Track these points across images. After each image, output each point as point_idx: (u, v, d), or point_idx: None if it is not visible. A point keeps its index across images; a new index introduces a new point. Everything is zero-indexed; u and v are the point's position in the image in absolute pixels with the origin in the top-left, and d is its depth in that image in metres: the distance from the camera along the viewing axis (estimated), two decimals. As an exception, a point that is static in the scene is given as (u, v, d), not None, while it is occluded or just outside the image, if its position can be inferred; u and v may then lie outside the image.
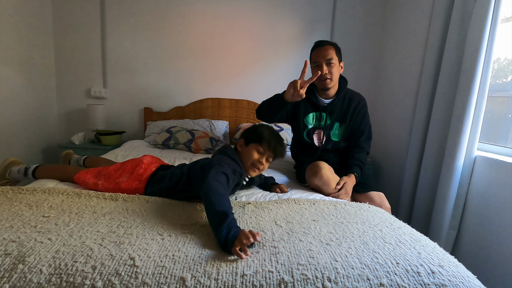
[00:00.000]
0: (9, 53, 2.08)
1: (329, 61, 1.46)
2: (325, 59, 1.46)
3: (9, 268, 0.67)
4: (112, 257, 0.72)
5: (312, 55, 1.54)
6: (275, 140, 1.26)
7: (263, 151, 1.25)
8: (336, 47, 1.51)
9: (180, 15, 2.58)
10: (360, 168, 1.57)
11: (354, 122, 1.61)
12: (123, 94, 2.63)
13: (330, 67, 1.47)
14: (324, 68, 1.46)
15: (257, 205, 1.17)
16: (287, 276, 0.69)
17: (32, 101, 2.34)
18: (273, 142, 1.25)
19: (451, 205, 1.61)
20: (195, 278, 0.67)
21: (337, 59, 1.49)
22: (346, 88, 1.61)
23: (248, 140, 1.27)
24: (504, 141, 1.58)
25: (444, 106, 1.72)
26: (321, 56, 1.47)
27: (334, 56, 1.47)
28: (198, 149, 2.21)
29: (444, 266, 0.75)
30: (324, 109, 1.59)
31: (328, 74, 1.47)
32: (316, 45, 1.53)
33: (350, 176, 1.51)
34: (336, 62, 1.48)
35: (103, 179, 1.28)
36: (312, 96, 1.58)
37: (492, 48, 1.47)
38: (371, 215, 1.09)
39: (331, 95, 1.58)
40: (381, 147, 2.54)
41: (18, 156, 2.16)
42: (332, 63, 1.46)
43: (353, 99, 1.59)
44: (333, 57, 1.46)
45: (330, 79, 1.48)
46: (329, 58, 1.46)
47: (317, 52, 1.49)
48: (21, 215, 0.93)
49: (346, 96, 1.59)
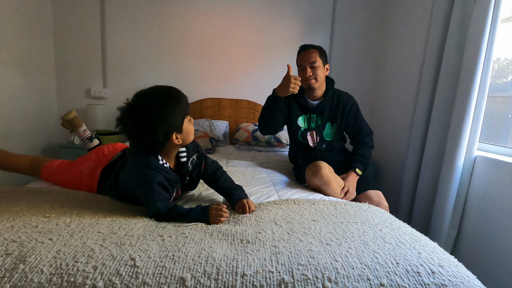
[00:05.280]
0: (9, 53, 2.08)
1: (313, 64, 1.54)
2: (308, 62, 1.54)
3: (10, 268, 0.68)
4: (113, 257, 0.72)
5: (297, 59, 1.62)
6: (175, 98, 1.01)
7: (188, 113, 1.05)
8: (320, 50, 1.57)
9: (180, 15, 2.58)
10: (361, 162, 1.59)
11: (346, 121, 1.65)
12: (123, 94, 2.62)
13: (314, 69, 1.54)
14: (308, 71, 1.55)
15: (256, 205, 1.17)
16: (287, 276, 0.69)
17: (32, 101, 2.34)
18: (179, 99, 1.02)
19: (451, 205, 1.61)
20: (195, 278, 0.67)
21: (321, 62, 1.56)
22: (334, 88, 1.67)
23: (171, 129, 1.00)
24: (504, 141, 1.58)
25: (444, 106, 1.72)
26: (305, 59, 1.56)
27: (318, 59, 1.54)
28: (198, 149, 2.21)
29: (444, 266, 0.75)
30: (314, 111, 1.64)
31: (312, 75, 1.55)
32: (300, 49, 1.60)
33: (349, 174, 1.54)
34: (320, 64, 1.55)
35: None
36: (301, 99, 1.64)
37: (492, 48, 1.47)
38: (371, 215, 1.09)
39: (319, 97, 1.64)
40: (381, 147, 2.54)
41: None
42: (316, 65, 1.54)
43: (341, 98, 1.63)
44: (317, 60, 1.54)
45: (315, 79, 1.55)
46: (313, 61, 1.54)
47: (302, 56, 1.58)
48: (22, 215, 0.93)
49: (334, 96, 1.64)
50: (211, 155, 2.16)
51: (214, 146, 2.27)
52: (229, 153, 2.23)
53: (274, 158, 2.07)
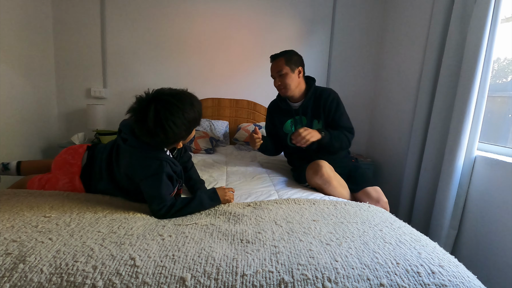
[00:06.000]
0: (9, 53, 2.08)
1: (280, 73, 1.58)
2: (276, 72, 1.60)
3: (10, 267, 0.68)
4: (113, 257, 0.72)
5: (270, 70, 1.66)
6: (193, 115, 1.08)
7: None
8: (288, 56, 1.58)
9: (180, 15, 2.58)
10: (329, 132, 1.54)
11: (327, 115, 1.63)
12: (123, 94, 2.63)
13: (282, 78, 1.58)
14: (276, 81, 1.61)
15: (256, 205, 1.17)
16: (287, 276, 0.69)
17: (32, 101, 2.34)
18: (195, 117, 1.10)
19: (451, 205, 1.61)
20: (195, 278, 0.67)
21: (289, 68, 1.57)
22: (315, 86, 1.68)
23: (182, 140, 1.11)
24: (504, 141, 1.58)
25: (444, 106, 1.72)
26: (273, 70, 1.61)
27: (284, 67, 1.56)
28: (198, 149, 2.21)
29: (444, 266, 0.75)
30: (297, 112, 1.67)
31: (282, 84, 1.59)
32: (270, 60, 1.64)
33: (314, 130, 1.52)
34: (288, 71, 1.57)
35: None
36: (283, 104, 1.70)
37: (492, 48, 1.47)
38: (371, 215, 1.09)
39: (300, 98, 1.66)
40: (381, 147, 2.54)
41: (18, 156, 2.17)
42: (283, 73, 1.57)
43: (322, 94, 1.64)
44: (283, 68, 1.56)
45: (285, 88, 1.60)
46: (279, 71, 1.58)
47: (271, 67, 1.63)
48: (22, 215, 0.93)
49: (316, 93, 1.66)
50: (211, 155, 2.16)
51: (214, 146, 2.27)
52: (229, 153, 2.23)
53: (274, 158, 2.07)
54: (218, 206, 1.14)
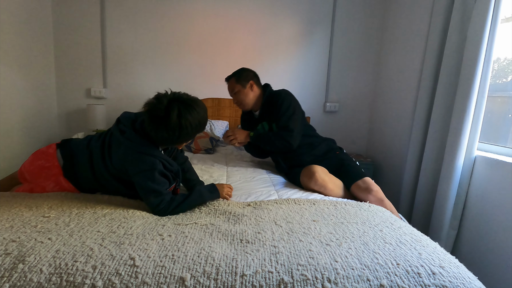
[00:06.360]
0: (9, 53, 2.08)
1: (233, 91, 1.72)
2: (231, 92, 1.74)
3: (9, 267, 0.67)
4: (113, 257, 0.72)
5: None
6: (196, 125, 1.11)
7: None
8: (237, 76, 1.71)
9: (180, 15, 2.57)
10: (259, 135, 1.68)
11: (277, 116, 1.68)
12: (123, 94, 2.63)
13: (236, 96, 1.72)
14: (234, 99, 1.75)
15: (256, 205, 1.17)
16: (286, 276, 0.69)
17: (32, 101, 2.34)
18: (198, 126, 1.13)
19: (451, 205, 1.61)
20: (194, 278, 0.67)
21: (240, 85, 1.69)
22: (269, 92, 1.75)
23: (186, 138, 1.12)
24: (504, 141, 1.58)
25: (444, 106, 1.72)
26: (228, 90, 1.76)
27: (236, 85, 1.70)
28: (198, 149, 2.21)
29: (445, 267, 0.75)
30: (259, 120, 1.78)
31: (237, 102, 1.74)
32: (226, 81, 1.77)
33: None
34: (240, 89, 1.69)
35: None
36: (249, 116, 1.85)
37: (492, 48, 1.47)
38: (371, 215, 1.09)
39: (259, 107, 1.77)
40: (381, 147, 2.54)
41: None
42: (236, 91, 1.70)
43: (273, 97, 1.72)
44: (235, 87, 1.70)
45: (241, 104, 1.74)
46: (232, 90, 1.72)
47: (227, 88, 1.76)
48: (21, 216, 0.93)
49: (269, 98, 1.75)
50: (211, 155, 2.16)
51: (214, 146, 2.26)
52: (229, 153, 2.23)
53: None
54: (218, 206, 1.14)
